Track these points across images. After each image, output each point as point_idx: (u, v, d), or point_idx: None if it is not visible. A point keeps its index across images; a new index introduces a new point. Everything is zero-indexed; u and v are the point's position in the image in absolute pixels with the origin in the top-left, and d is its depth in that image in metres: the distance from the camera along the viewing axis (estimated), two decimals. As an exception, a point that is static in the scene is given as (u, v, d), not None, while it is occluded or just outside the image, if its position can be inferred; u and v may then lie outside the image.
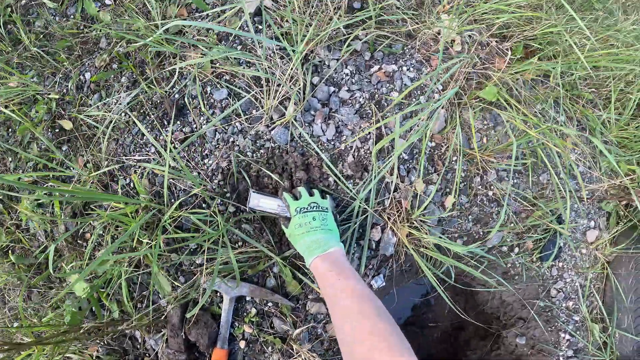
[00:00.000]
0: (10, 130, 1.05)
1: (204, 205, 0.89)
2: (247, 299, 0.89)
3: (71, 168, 0.94)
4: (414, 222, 0.93)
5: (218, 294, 0.89)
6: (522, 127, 0.92)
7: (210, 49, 0.92)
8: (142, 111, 0.96)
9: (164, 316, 0.89)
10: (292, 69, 0.88)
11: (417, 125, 0.93)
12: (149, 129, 0.94)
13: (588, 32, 0.87)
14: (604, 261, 1.18)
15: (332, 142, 0.91)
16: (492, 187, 1.06)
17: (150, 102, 0.95)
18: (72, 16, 1.09)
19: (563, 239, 1.10)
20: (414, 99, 0.97)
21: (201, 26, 0.94)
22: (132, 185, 0.93)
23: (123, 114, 0.95)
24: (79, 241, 0.94)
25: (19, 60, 1.07)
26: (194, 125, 0.93)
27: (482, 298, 1.26)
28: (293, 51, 0.89)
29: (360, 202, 0.88)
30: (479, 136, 1.05)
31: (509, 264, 1.12)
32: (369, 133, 0.92)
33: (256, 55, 0.93)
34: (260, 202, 0.81)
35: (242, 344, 0.89)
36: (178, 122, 0.94)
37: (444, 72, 0.99)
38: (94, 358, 0.91)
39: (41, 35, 1.08)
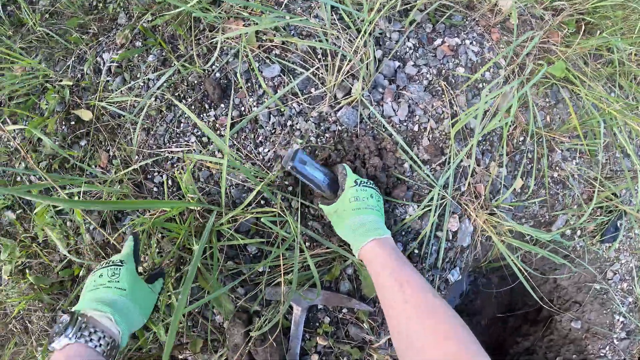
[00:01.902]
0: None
1: (262, 202, 0.76)
2: (319, 307, 0.78)
3: (93, 166, 0.78)
4: (493, 208, 0.85)
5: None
6: (602, 106, 0.86)
7: (260, 14, 0.78)
8: (177, 94, 0.80)
9: (221, 334, 0.76)
10: (359, 38, 0.76)
11: (496, 107, 0.85)
12: (187, 115, 0.79)
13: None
14: (656, 239, 1.16)
15: (405, 124, 0.81)
16: (557, 168, 1.00)
17: (186, 84, 0.80)
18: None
19: (627, 220, 1.07)
20: (479, 75, 0.89)
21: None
22: (170, 182, 0.78)
23: (154, 99, 0.79)
24: (109, 251, 0.78)
25: (23, 44, 0.87)
26: (242, 108, 0.79)
27: (532, 282, 1.22)
28: (358, 18, 0.78)
29: (440, 190, 0.79)
30: (543, 114, 0.98)
31: (570, 247, 1.08)
32: (443, 112, 0.83)
33: (315, 25, 0.80)
34: (307, 164, 0.68)
35: (315, 357, 0.78)
36: (222, 105, 0.80)
37: (518, 50, 0.91)
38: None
39: (47, 14, 0.89)
